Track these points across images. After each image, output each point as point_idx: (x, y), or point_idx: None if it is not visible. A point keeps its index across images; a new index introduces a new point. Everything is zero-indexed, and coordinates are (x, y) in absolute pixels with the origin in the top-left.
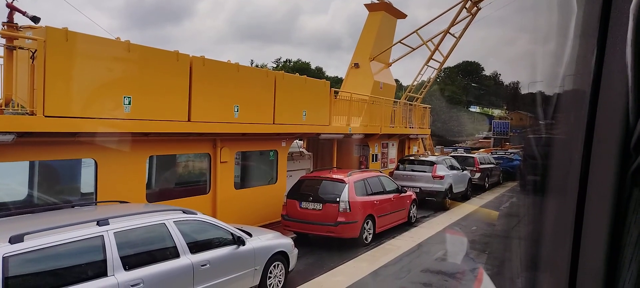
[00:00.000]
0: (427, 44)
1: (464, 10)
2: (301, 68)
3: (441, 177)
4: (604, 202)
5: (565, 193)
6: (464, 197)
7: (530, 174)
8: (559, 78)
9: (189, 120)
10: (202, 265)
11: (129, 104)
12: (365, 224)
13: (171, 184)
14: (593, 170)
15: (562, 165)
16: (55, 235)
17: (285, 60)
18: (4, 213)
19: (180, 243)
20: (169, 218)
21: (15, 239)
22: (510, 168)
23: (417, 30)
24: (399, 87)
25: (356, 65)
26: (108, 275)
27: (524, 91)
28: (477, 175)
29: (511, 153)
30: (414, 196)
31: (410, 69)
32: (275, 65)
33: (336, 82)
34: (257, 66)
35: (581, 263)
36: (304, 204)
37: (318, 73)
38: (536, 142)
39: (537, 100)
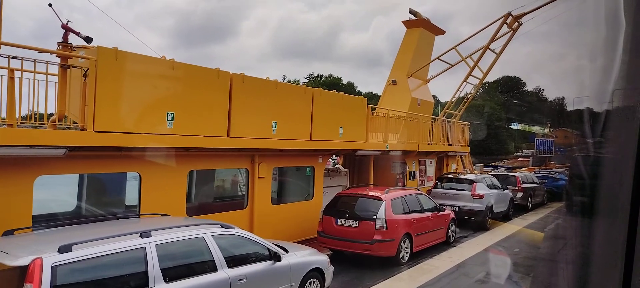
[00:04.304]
0: (466, 60)
1: (505, 25)
2: (332, 83)
3: (481, 196)
4: None
5: (615, 214)
6: (505, 217)
7: (577, 195)
8: (607, 94)
9: (228, 135)
10: (239, 280)
11: (172, 119)
12: (402, 243)
13: (210, 198)
14: None
15: (612, 186)
16: (100, 245)
17: (316, 75)
18: (54, 223)
19: (218, 257)
20: (208, 232)
21: (63, 249)
22: (556, 188)
23: (455, 46)
24: (437, 104)
25: (394, 82)
26: (149, 286)
27: (569, 107)
28: (520, 194)
29: (556, 172)
30: (452, 215)
31: (449, 85)
32: (307, 80)
33: (371, 97)
34: (289, 82)
35: None
36: (340, 221)
37: (349, 88)
38: (584, 161)
39: (584, 117)
